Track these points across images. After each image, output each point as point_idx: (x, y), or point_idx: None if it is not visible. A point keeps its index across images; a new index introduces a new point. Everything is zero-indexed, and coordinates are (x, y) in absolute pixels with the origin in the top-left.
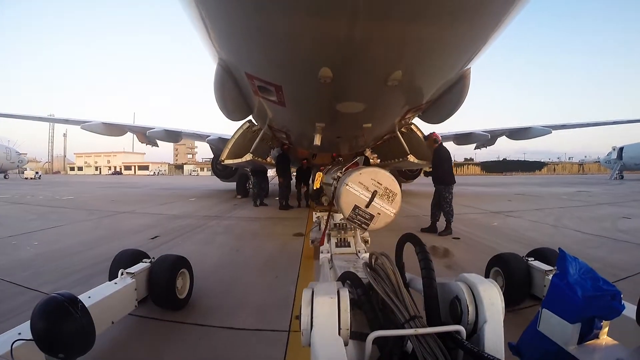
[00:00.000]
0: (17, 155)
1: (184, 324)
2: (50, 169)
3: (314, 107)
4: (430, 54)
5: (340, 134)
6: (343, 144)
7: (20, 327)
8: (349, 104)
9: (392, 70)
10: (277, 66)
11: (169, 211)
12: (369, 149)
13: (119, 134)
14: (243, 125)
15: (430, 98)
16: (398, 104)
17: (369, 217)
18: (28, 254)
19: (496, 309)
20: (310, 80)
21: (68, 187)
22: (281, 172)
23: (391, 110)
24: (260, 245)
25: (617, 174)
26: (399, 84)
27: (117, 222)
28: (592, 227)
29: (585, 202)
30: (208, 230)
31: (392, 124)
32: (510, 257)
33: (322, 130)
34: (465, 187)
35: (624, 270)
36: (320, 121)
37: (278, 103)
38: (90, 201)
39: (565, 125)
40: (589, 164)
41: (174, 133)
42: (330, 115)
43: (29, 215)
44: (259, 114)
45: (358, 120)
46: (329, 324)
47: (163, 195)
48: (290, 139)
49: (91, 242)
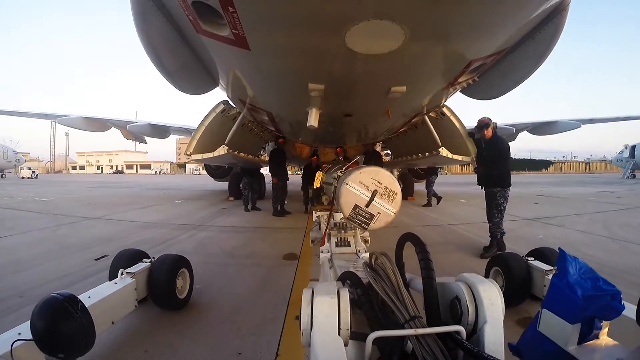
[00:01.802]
0: (15, 154)
1: None
2: (52, 168)
3: (302, 42)
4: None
5: (351, 109)
6: (352, 131)
7: (20, 327)
8: (373, 30)
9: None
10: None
11: (144, 217)
12: (379, 143)
13: (101, 129)
14: (216, 107)
15: (504, 44)
16: (460, 44)
17: (369, 217)
18: None
19: (496, 309)
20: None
21: (57, 187)
22: (275, 170)
23: (447, 57)
24: (229, 282)
25: (629, 173)
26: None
27: (72, 232)
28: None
29: (620, 204)
30: (174, 248)
31: (434, 92)
32: (510, 257)
33: (320, 103)
34: (478, 187)
35: None
36: (316, 79)
37: (236, 42)
38: (67, 204)
39: (592, 120)
40: (595, 163)
41: (161, 128)
42: (335, 65)
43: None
44: (221, 77)
45: (386, 75)
46: (328, 324)
47: (150, 197)
48: (276, 123)
49: (11, 265)
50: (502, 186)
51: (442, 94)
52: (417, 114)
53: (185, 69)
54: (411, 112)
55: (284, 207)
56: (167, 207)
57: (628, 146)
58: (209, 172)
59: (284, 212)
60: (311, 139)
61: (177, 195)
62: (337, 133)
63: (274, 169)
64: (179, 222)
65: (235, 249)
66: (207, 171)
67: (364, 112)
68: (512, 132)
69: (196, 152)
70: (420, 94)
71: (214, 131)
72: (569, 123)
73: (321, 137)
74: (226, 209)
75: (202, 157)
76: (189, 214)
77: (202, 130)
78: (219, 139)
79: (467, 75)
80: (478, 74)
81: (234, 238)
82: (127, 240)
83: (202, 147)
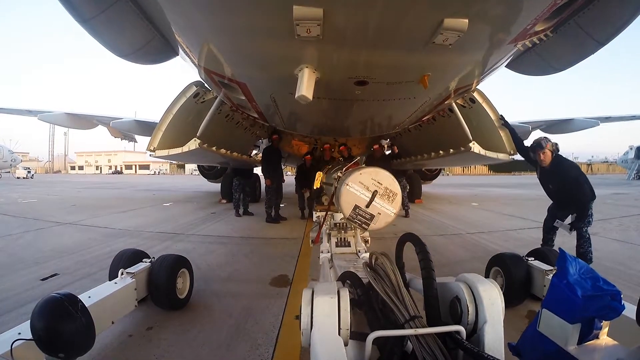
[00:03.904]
0: (10, 154)
1: None
2: (50, 168)
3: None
4: None
5: (368, 69)
6: (364, 115)
7: (20, 327)
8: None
9: None
10: None
11: (121, 223)
12: (386, 141)
13: (87, 127)
14: (186, 90)
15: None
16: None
17: (369, 217)
18: None
19: (496, 309)
20: None
21: (47, 188)
22: (268, 170)
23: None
24: (190, 325)
25: (635, 174)
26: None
27: (35, 241)
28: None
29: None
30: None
31: (502, 35)
32: (511, 257)
33: (317, 57)
34: (486, 189)
35: None
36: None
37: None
38: (47, 206)
39: (610, 118)
40: (597, 164)
41: (150, 126)
42: None
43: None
44: (175, 30)
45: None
46: (329, 324)
47: (137, 199)
48: (255, 103)
49: None
50: (583, 216)
51: (499, 54)
52: (461, 89)
53: (110, 20)
54: (453, 82)
55: (279, 213)
56: (151, 211)
57: (633, 147)
58: (202, 173)
59: (279, 218)
60: (306, 128)
61: (168, 197)
62: (341, 118)
63: (267, 169)
64: (158, 229)
65: (212, 269)
66: (200, 171)
67: (389, 75)
68: (528, 130)
69: (162, 148)
70: (483, 38)
71: (187, 120)
72: (586, 121)
73: (320, 125)
74: (215, 214)
75: (169, 153)
76: (173, 219)
77: (170, 119)
78: (193, 130)
79: (544, 23)
80: (555, 24)
81: (215, 253)
82: (87, 254)
83: (170, 140)
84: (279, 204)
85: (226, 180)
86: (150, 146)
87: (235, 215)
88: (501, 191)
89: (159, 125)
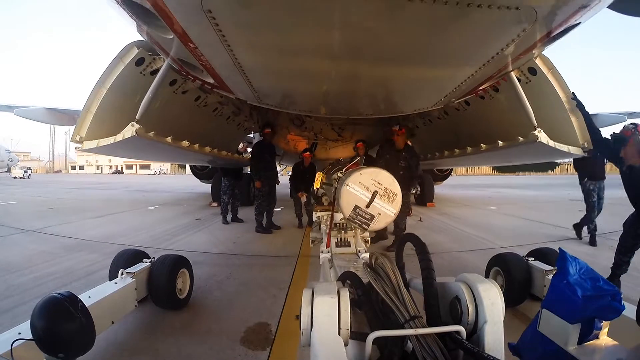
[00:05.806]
0: (8, 154)
1: None
2: (51, 168)
3: None
4: None
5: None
6: (392, 81)
7: (20, 327)
8: None
9: None
10: None
11: (89, 231)
12: (404, 135)
13: (70, 123)
14: (124, 55)
15: None
16: None
17: (370, 218)
18: None
19: (496, 309)
20: None
21: (37, 189)
22: (257, 169)
23: None
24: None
25: None
26: None
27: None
28: None
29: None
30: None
31: None
32: (511, 257)
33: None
34: (497, 190)
35: None
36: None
37: None
38: (23, 209)
39: (633, 113)
40: None
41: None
42: None
43: None
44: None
45: None
46: (328, 323)
47: (124, 201)
48: (202, 56)
49: None
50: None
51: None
52: (518, 55)
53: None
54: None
55: (272, 221)
56: (129, 216)
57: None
58: (193, 172)
59: (272, 226)
60: (291, 97)
61: (157, 199)
62: (357, 81)
63: (257, 168)
64: (127, 240)
65: (163, 312)
66: (192, 170)
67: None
68: (624, 120)
69: (94, 137)
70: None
71: (128, 99)
72: (612, 117)
73: (325, 89)
74: (200, 220)
75: (98, 144)
76: (150, 226)
77: (102, 97)
78: (126, 111)
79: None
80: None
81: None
82: (29, 275)
83: (105, 128)
84: (271, 211)
85: (217, 181)
86: (75, 135)
87: (222, 222)
88: (514, 192)
89: (86, 105)
